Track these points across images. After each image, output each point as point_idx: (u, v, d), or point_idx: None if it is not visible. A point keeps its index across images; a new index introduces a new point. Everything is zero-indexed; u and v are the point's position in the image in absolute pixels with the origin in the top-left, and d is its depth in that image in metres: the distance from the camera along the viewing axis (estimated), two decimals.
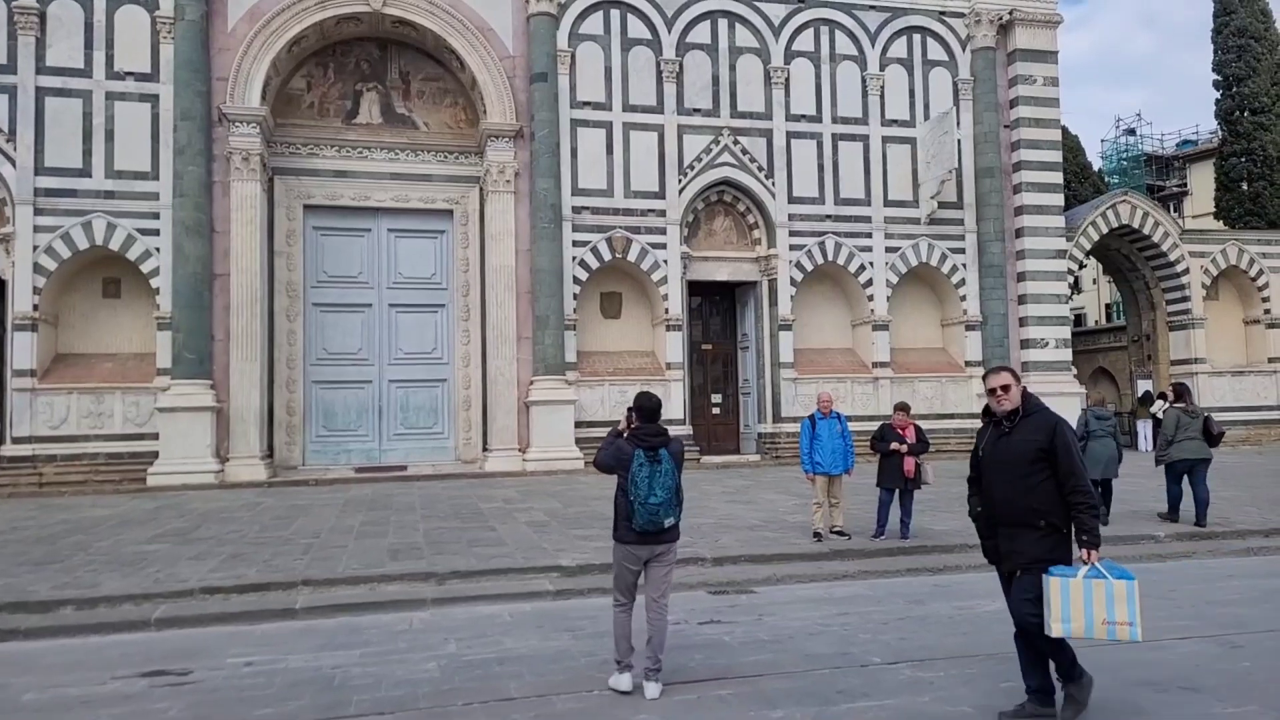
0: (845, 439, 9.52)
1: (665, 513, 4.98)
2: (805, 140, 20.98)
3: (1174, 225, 23.39)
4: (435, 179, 19.77)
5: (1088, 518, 4.33)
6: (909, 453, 9.35)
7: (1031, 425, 4.45)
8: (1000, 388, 4.55)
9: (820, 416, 9.53)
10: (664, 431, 5.18)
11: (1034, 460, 4.38)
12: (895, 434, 9.44)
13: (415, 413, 19.73)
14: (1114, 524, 10.16)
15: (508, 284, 19.14)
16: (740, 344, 21.87)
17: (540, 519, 11.35)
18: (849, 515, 10.04)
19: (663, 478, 4.94)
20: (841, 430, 9.51)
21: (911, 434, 9.41)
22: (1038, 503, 4.38)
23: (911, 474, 9.28)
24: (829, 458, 9.35)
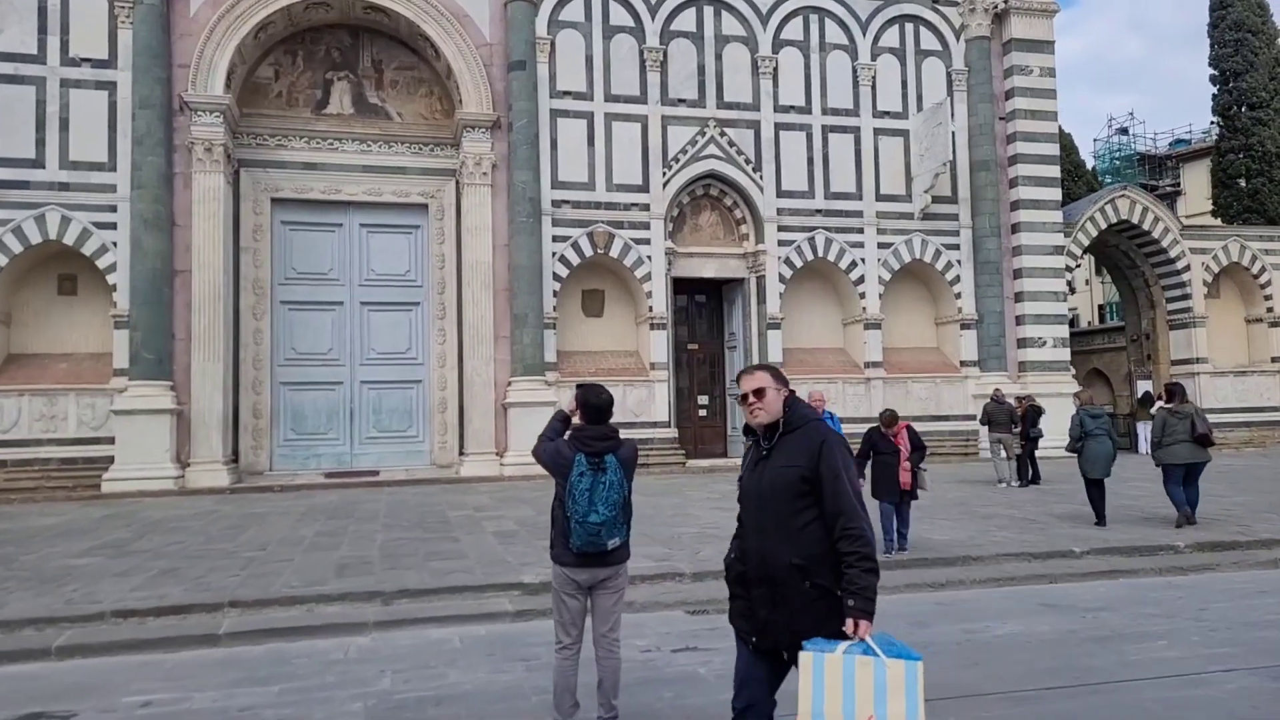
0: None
1: (609, 533, 4.13)
2: (794, 132, 20.25)
3: (1174, 221, 22.75)
4: (409, 172, 18.95)
5: (859, 572, 2.96)
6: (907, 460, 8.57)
7: (793, 445, 3.15)
8: (752, 393, 3.24)
9: None
10: (613, 434, 4.30)
11: (797, 494, 3.09)
12: (888, 442, 8.59)
13: (388, 415, 18.88)
14: (1130, 534, 9.42)
15: (484, 281, 18.33)
16: (728, 343, 21.10)
17: (509, 528, 10.54)
18: None
19: (606, 490, 4.08)
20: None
21: (905, 440, 8.60)
22: (802, 554, 3.04)
23: (909, 484, 8.48)
24: None
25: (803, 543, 3.06)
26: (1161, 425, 9.95)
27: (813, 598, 3.02)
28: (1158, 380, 23.30)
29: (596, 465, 4.07)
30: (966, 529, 9.88)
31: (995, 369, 20.50)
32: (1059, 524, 10.27)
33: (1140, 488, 13.84)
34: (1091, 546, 8.69)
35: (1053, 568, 8.22)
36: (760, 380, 3.27)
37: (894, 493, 8.48)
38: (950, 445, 20.42)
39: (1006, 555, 8.42)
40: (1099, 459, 10.01)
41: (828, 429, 3.20)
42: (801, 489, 3.08)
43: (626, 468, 4.21)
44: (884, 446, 8.58)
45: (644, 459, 18.55)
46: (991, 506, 11.98)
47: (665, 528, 10.32)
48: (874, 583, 2.98)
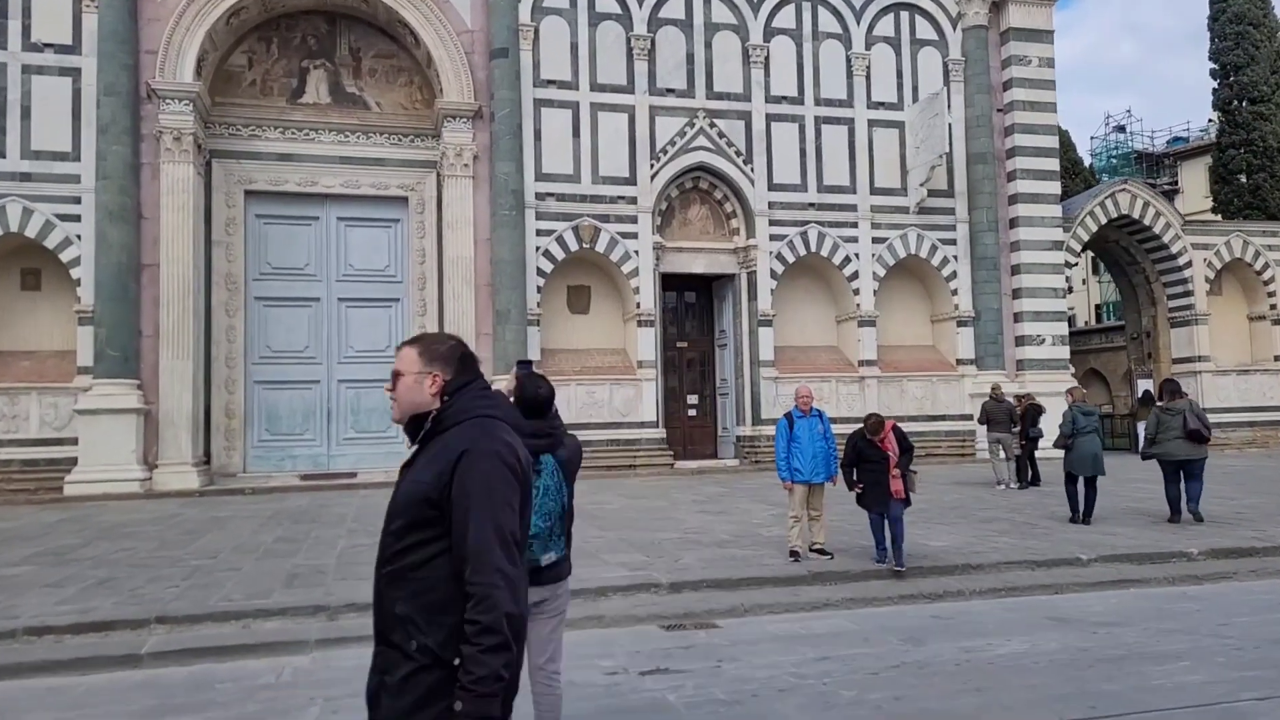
0: (828, 441, 8.15)
1: (544, 546, 3.51)
2: (786, 123, 19.67)
3: (1175, 216, 22.21)
4: (388, 163, 18.33)
5: (477, 653, 2.03)
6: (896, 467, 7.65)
7: (433, 452, 2.24)
8: (394, 374, 2.35)
9: (799, 415, 8.18)
10: (552, 431, 3.67)
11: (418, 520, 2.17)
12: (875, 449, 7.71)
13: (367, 415, 18.25)
14: (1139, 538, 8.84)
15: (465, 276, 17.72)
16: (718, 341, 20.51)
17: None
18: (833, 530, 8.67)
19: (541, 497, 3.47)
20: (824, 431, 8.14)
21: (892, 443, 7.69)
22: (414, 602, 2.14)
23: (901, 492, 7.62)
24: (809, 463, 7.99)
25: (417, 586, 2.14)
26: (1155, 422, 9.96)
27: (416, 668, 2.09)
28: (1158, 379, 22.73)
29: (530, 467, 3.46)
30: (964, 534, 9.30)
31: (993, 367, 19.94)
32: (1062, 528, 9.69)
33: (1144, 489, 13.28)
34: (1099, 554, 8.11)
35: (1058, 577, 7.64)
36: (402, 361, 2.33)
37: (884, 502, 7.62)
38: (947, 446, 19.86)
39: (1008, 563, 7.83)
40: (1087, 457, 9.92)
41: (479, 432, 2.19)
42: (426, 514, 2.15)
43: (567, 470, 3.62)
44: (871, 454, 7.74)
45: (631, 460, 17.97)
46: (990, 510, 11.41)
47: (646, 533, 9.72)
48: (497, 668, 2.02)
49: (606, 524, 10.49)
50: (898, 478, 7.58)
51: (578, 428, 18.08)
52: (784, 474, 8.14)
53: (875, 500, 7.72)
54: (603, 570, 7.47)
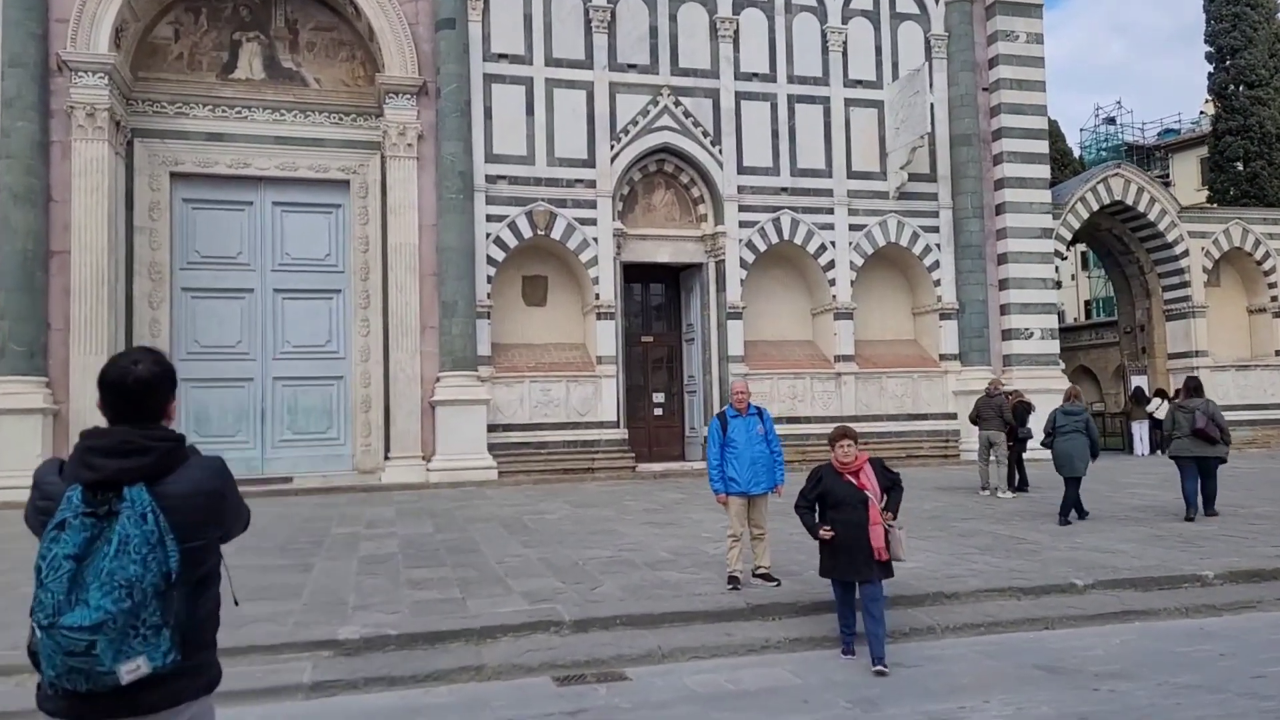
0: (771, 444, 6.87)
1: (115, 647, 1.92)
2: (757, 102, 18.40)
3: (1171, 202, 21.04)
4: (329, 144, 16.96)
5: None
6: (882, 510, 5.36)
7: None
8: None
9: (734, 415, 6.89)
10: (148, 444, 2.19)
11: None
12: (846, 485, 5.40)
13: (305, 415, 16.89)
14: (1148, 564, 7.57)
15: (409, 264, 16.40)
16: (685, 335, 19.23)
17: (387, 551, 8.62)
18: (778, 550, 7.38)
19: (112, 559, 1.94)
20: (765, 433, 6.86)
21: (870, 476, 5.43)
22: None
23: (883, 552, 5.24)
24: (747, 471, 6.71)
25: None
26: (1171, 420, 10.06)
27: None
28: (1153, 376, 21.62)
29: (100, 508, 2.03)
30: (940, 552, 8.04)
31: (978, 363, 18.73)
32: (1053, 543, 8.44)
33: (1141, 495, 12.08)
34: (1097, 578, 6.86)
35: (1049, 608, 6.38)
36: None
37: (858, 566, 5.26)
38: (929, 447, 18.64)
39: (990, 591, 6.57)
40: (1066, 457, 9.84)
41: None
42: None
43: (178, 514, 2.11)
44: (841, 492, 5.38)
45: (589, 463, 16.68)
46: (972, 520, 10.16)
47: (575, 550, 8.43)
48: None
49: (534, 539, 9.19)
50: (880, 524, 5.25)
51: (532, 428, 16.81)
52: (717, 485, 6.85)
53: (847, 563, 5.29)
54: (497, 603, 6.17)
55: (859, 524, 5.26)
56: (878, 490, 5.40)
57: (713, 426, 6.98)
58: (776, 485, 6.83)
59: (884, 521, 5.30)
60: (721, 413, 7.07)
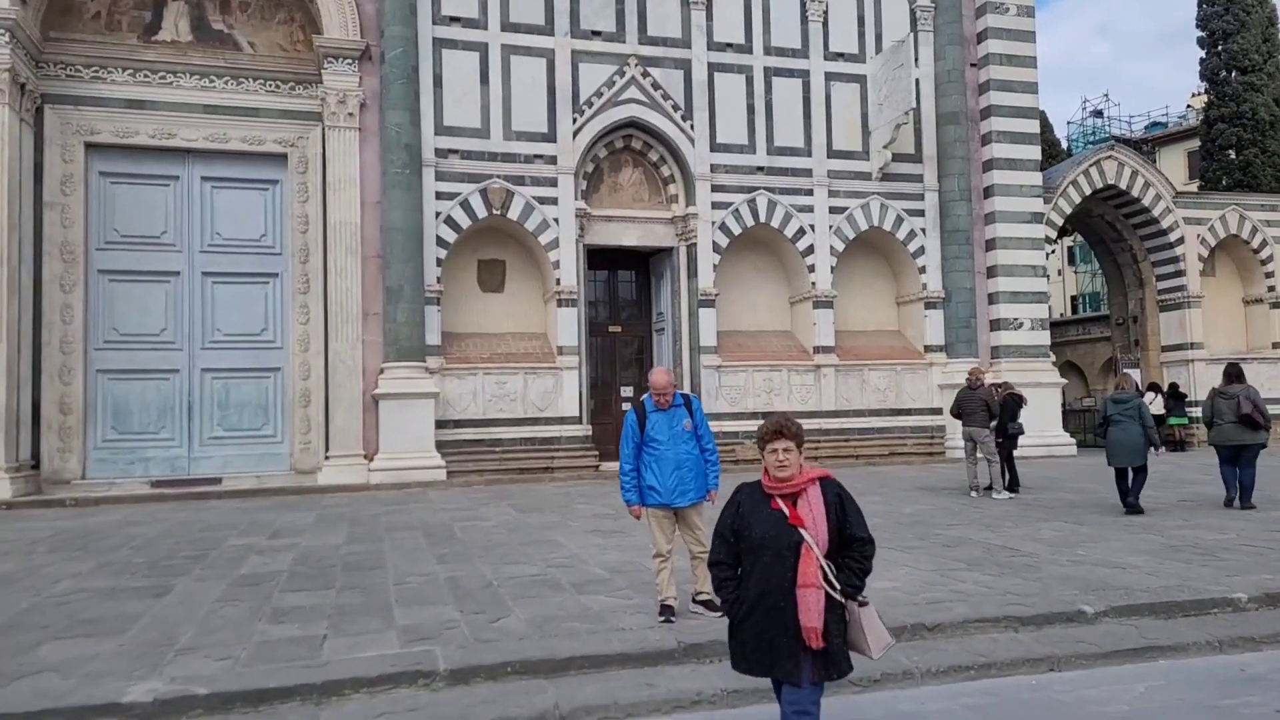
0: (703, 441, 5.60)
1: None
2: (731, 74, 17.16)
3: (1166, 187, 19.96)
4: (264, 114, 15.59)
5: None
6: (822, 564, 3.16)
7: None
8: None
9: (653, 408, 5.59)
10: None
11: None
12: (773, 515, 3.21)
13: (238, 410, 15.52)
14: (1167, 582, 6.36)
15: (350, 245, 15.11)
16: (655, 325, 18.00)
17: (274, 569, 7.34)
18: None
19: None
20: (693, 429, 5.58)
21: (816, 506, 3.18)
22: None
23: (816, 635, 3.10)
24: (670, 477, 5.41)
25: None
26: (1211, 407, 10.01)
27: None
28: (1146, 369, 20.56)
29: None
30: (920, 568, 6.83)
31: (964, 354, 17.59)
32: (1052, 555, 7.26)
33: (1147, 494, 10.93)
34: (1110, 603, 5.67)
35: (1054, 642, 5.18)
36: None
37: (776, 653, 3.17)
38: (913, 443, 17.49)
39: (981, 621, 5.36)
40: (1120, 446, 9.54)
41: None
42: None
43: None
44: (763, 528, 3.21)
45: (548, 462, 15.42)
46: (959, 526, 8.97)
47: (496, 566, 7.17)
48: None
49: (454, 552, 7.93)
50: (817, 588, 3.08)
51: (485, 424, 15.54)
52: (629, 495, 5.52)
53: (758, 649, 3.22)
54: (365, 643, 4.90)
55: (780, 583, 3.09)
56: (824, 530, 3.14)
57: (628, 421, 5.63)
58: (709, 492, 5.57)
59: (826, 584, 3.08)
60: (639, 403, 5.72)
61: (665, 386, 5.55)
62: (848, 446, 16.98)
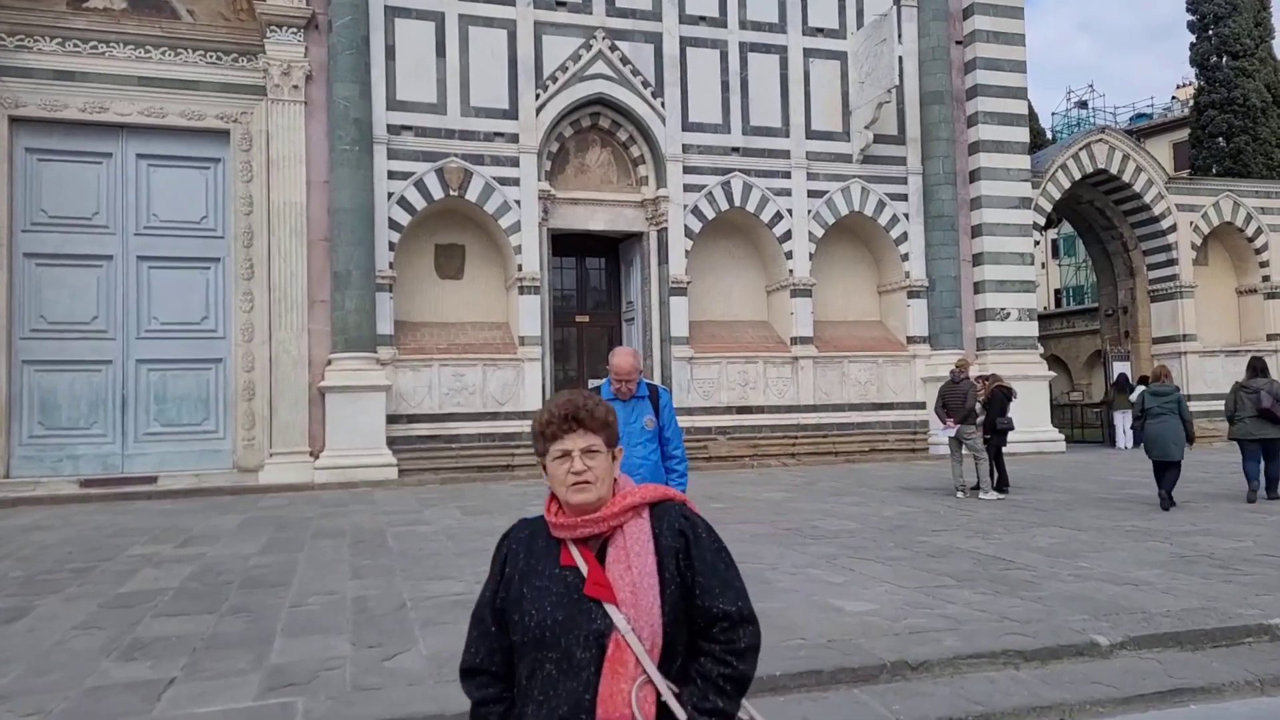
0: (669, 443, 4.70)
1: None
2: (705, 49, 16.24)
3: (1159, 172, 19.23)
4: (205, 87, 14.53)
5: None
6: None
7: None
8: None
9: (610, 397, 4.65)
10: None
11: None
12: (564, 577, 1.68)
13: (176, 404, 14.49)
14: (1187, 603, 5.51)
15: (295, 227, 14.12)
16: (625, 315, 17.09)
17: (164, 584, 6.38)
18: None
19: None
20: (659, 425, 4.68)
21: (646, 585, 1.64)
22: None
23: None
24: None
25: None
26: (1234, 401, 9.94)
27: None
28: (1136, 362, 19.83)
29: None
30: (903, 584, 5.97)
31: (949, 346, 16.79)
32: (1052, 567, 6.41)
33: (1140, 496, 10.14)
34: (1126, 632, 4.81)
35: (1063, 682, 4.32)
36: None
37: None
38: (895, 440, 16.67)
39: (976, 657, 4.49)
40: (1159, 440, 9.29)
41: None
42: None
43: None
44: (547, 611, 1.65)
45: (508, 460, 14.50)
46: (946, 533, 8.12)
47: (418, 581, 6.23)
48: None
49: (378, 564, 6.99)
50: (625, 695, 1.57)
51: (441, 419, 14.59)
52: None
53: None
54: (216, 690, 3.97)
55: (578, 692, 1.61)
56: (652, 605, 1.64)
57: None
58: None
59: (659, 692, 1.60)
60: (593, 392, 4.74)
61: (628, 372, 4.52)
62: (826, 443, 16.13)
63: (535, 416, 1.80)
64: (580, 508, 1.70)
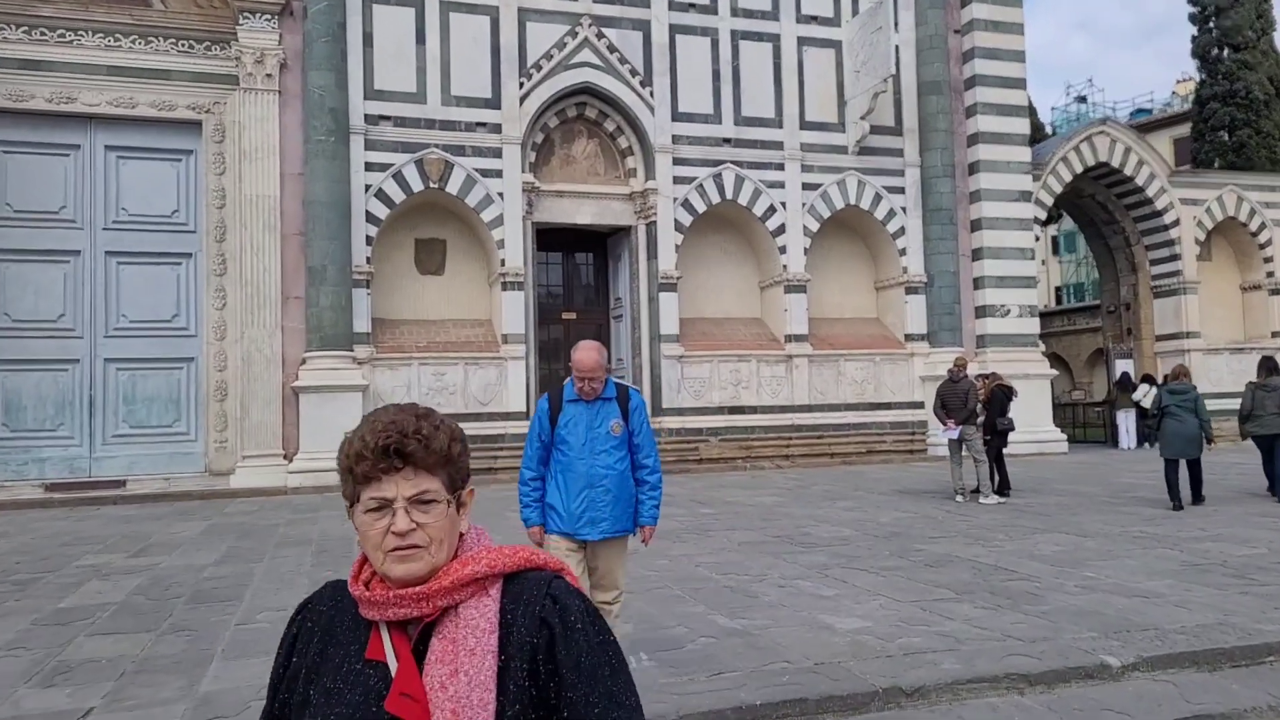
0: (639, 451, 4.03)
1: None
2: (695, 37, 15.76)
3: (1162, 165, 18.76)
4: (176, 77, 14.03)
5: None
6: None
7: None
8: None
9: (572, 397, 4.03)
10: None
11: None
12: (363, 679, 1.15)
13: (146, 405, 13.99)
14: (1203, 618, 5.02)
15: (268, 221, 13.63)
16: (613, 312, 16.60)
17: (108, 599, 5.90)
18: (648, 614, 4.73)
19: None
20: (628, 431, 4.02)
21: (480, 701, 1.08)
22: None
23: None
24: (577, 500, 3.88)
25: None
26: (1250, 399, 9.91)
27: None
28: (1139, 359, 19.37)
29: None
30: (898, 599, 5.48)
31: (948, 343, 16.31)
32: (1058, 578, 5.93)
33: (1147, 498, 9.67)
34: (1139, 652, 4.33)
35: (1071, 710, 3.84)
36: None
37: None
38: (893, 441, 16.18)
39: (975, 682, 4.01)
40: (1175, 438, 9.27)
41: None
42: None
43: None
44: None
45: (490, 463, 14.00)
46: (944, 539, 7.63)
47: None
48: None
49: (343, 578, 6.48)
50: None
51: None
52: (527, 513, 4.01)
53: None
54: (138, 719, 3.48)
55: None
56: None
57: (538, 410, 4.14)
58: (642, 528, 4.03)
59: None
60: (555, 392, 4.11)
61: (591, 369, 3.86)
62: (822, 444, 15.65)
63: (342, 444, 1.22)
64: (401, 584, 1.16)
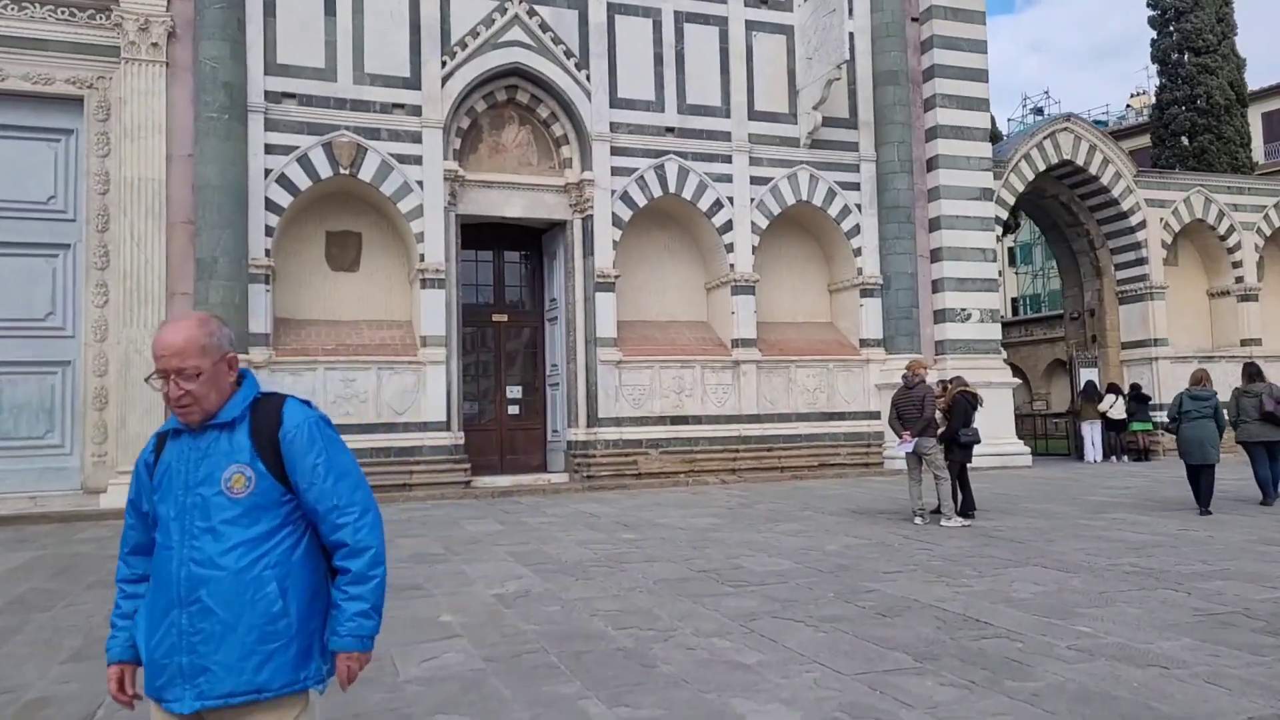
0: (325, 493, 1.96)
1: None
2: (635, 18, 14.58)
3: (1128, 164, 17.98)
4: (54, 47, 12.47)
5: None
6: None
7: None
8: None
9: (175, 427, 2.00)
10: None
11: None
12: None
13: (13, 414, 12.35)
14: (1244, 702, 3.83)
15: (152, 207, 12.13)
16: (548, 314, 15.30)
17: None
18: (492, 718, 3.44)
19: None
20: (275, 484, 1.95)
21: None
22: None
23: None
24: (159, 628, 1.91)
25: None
26: (1236, 405, 9.98)
27: None
28: (1105, 368, 18.53)
29: None
30: (840, 670, 4.24)
31: (905, 349, 15.26)
32: (1044, 635, 4.75)
33: (1129, 522, 8.59)
34: None
35: None
36: None
37: None
38: (847, 453, 15.07)
39: None
40: (1195, 443, 9.27)
41: None
42: None
43: None
44: None
45: (405, 478, 12.60)
46: (900, 578, 6.42)
47: None
48: None
49: None
50: None
51: None
52: (110, 640, 2.03)
53: None
54: None
55: None
56: None
57: (140, 456, 2.08)
58: (334, 653, 1.98)
59: None
60: (160, 435, 2.05)
61: (179, 351, 1.92)
62: (771, 457, 14.48)
63: None
64: None
